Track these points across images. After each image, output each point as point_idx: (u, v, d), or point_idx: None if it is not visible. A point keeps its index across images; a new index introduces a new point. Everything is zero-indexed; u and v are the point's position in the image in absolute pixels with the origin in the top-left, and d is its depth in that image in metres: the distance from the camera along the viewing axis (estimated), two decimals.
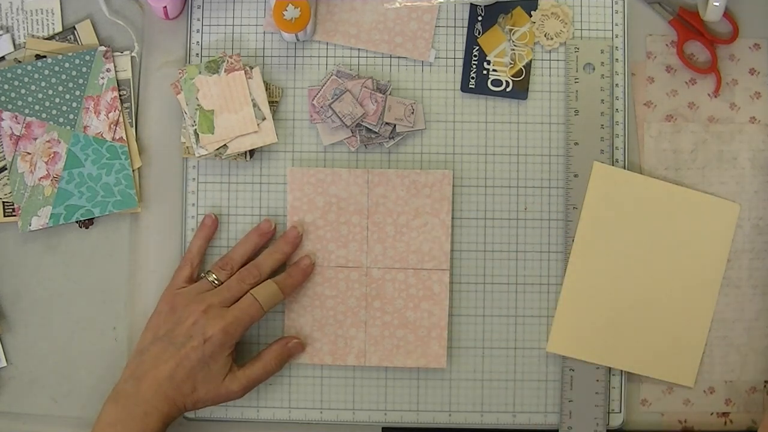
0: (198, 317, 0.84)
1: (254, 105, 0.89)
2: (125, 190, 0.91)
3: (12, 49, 0.92)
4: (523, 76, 0.92)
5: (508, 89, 0.92)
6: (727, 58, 0.93)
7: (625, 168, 0.91)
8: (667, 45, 0.93)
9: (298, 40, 0.92)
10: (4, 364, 0.91)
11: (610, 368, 0.90)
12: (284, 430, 0.91)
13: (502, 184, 0.92)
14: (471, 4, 0.92)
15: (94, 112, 0.91)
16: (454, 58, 0.92)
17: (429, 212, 0.90)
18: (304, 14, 0.87)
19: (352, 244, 0.90)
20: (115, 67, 0.91)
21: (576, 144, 0.91)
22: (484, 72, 0.92)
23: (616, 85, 0.92)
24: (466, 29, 0.92)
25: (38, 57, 0.91)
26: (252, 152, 0.91)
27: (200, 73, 0.90)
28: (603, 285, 0.90)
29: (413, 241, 0.90)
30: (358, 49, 0.92)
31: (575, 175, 0.91)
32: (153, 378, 0.82)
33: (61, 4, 0.92)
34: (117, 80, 0.91)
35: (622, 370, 0.90)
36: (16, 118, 0.90)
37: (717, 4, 0.88)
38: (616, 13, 0.93)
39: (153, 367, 0.82)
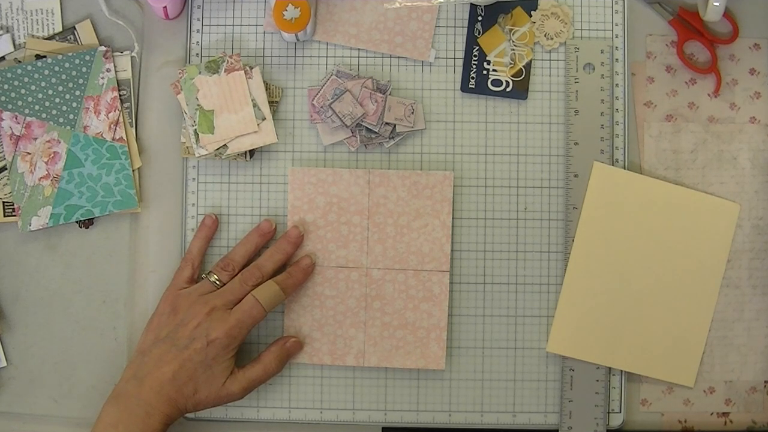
0: (201, 319, 0.84)
1: (254, 105, 0.89)
2: (125, 190, 0.91)
3: (12, 49, 0.92)
4: (523, 76, 0.92)
5: (508, 89, 0.92)
6: (727, 58, 0.93)
7: (625, 168, 0.91)
8: (667, 45, 0.93)
9: (298, 40, 0.92)
10: (4, 364, 0.91)
11: (610, 368, 0.90)
12: (284, 430, 0.91)
13: (502, 184, 0.92)
14: (471, 4, 0.92)
15: (94, 112, 0.91)
16: (454, 58, 0.92)
17: (430, 213, 0.90)
18: (304, 14, 0.87)
19: (352, 245, 0.90)
20: (115, 67, 0.91)
21: (576, 144, 0.91)
22: (484, 72, 0.92)
23: (616, 85, 0.92)
24: (466, 29, 0.92)
25: (38, 57, 0.91)
26: (252, 152, 0.91)
27: (200, 73, 0.90)
28: (603, 285, 0.90)
29: (413, 242, 0.90)
30: (358, 49, 0.92)
31: (575, 175, 0.91)
32: (155, 379, 0.82)
33: (61, 4, 0.92)
34: (117, 80, 0.91)
35: (622, 370, 0.90)
36: (16, 118, 0.90)
37: (717, 4, 0.88)
38: (616, 13, 0.92)
39: (155, 368, 0.82)
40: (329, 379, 0.91)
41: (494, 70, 0.92)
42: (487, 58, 0.92)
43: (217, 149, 0.89)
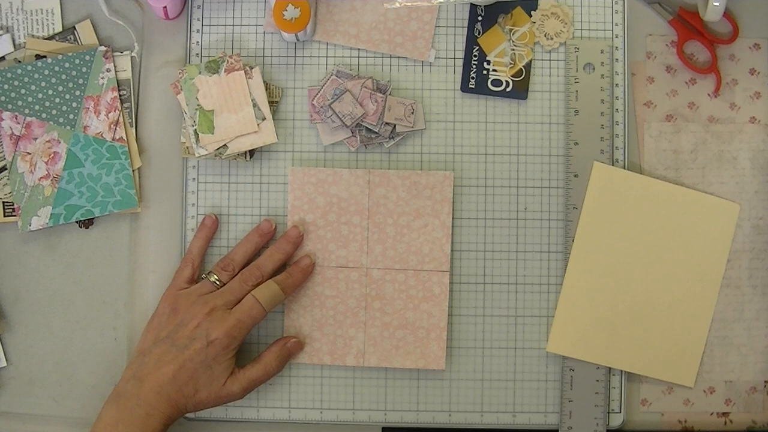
0: (201, 319, 0.84)
1: (254, 105, 0.89)
2: (125, 190, 0.91)
3: (12, 49, 0.92)
4: (523, 76, 0.92)
5: (508, 89, 0.92)
6: (727, 58, 0.93)
7: (625, 168, 0.91)
8: (667, 45, 0.93)
9: (298, 40, 0.92)
10: (4, 364, 0.91)
11: (610, 368, 0.90)
12: (284, 430, 0.91)
13: (502, 184, 0.92)
14: (471, 4, 0.92)
15: (94, 112, 0.91)
16: (454, 58, 0.92)
17: (430, 213, 0.90)
18: (304, 14, 0.87)
19: (352, 245, 0.90)
20: (115, 67, 0.91)
21: (576, 144, 0.91)
22: (484, 72, 0.92)
23: (616, 85, 0.92)
24: (466, 29, 0.92)
25: (38, 57, 0.91)
26: (252, 152, 0.91)
27: (200, 73, 0.90)
28: (603, 285, 0.90)
29: (413, 242, 0.90)
30: (358, 49, 0.92)
31: (575, 175, 0.91)
32: (155, 379, 0.82)
33: (61, 4, 0.92)
34: (117, 80, 0.91)
35: (622, 370, 0.90)
36: (16, 118, 0.90)
37: (717, 4, 0.88)
38: (616, 13, 0.92)
39: (155, 368, 0.82)
40: (329, 379, 0.91)
41: (494, 70, 0.92)
42: (487, 58, 0.92)
43: (217, 149, 0.89)
